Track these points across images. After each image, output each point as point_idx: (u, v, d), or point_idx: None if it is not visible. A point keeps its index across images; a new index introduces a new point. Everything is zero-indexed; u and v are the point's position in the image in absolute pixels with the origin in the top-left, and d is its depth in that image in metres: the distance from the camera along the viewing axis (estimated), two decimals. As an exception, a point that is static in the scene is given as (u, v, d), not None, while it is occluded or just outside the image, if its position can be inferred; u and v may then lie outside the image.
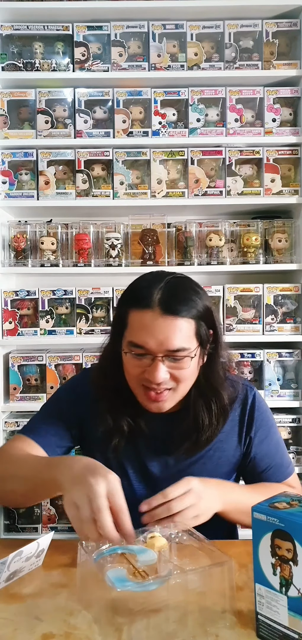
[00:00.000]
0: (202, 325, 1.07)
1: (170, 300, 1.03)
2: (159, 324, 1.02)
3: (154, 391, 1.06)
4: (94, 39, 2.19)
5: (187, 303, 1.04)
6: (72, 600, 0.87)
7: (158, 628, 0.77)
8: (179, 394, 1.09)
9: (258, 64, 2.19)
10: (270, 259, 2.20)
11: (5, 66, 2.17)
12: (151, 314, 1.02)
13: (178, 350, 1.03)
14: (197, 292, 1.09)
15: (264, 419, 1.22)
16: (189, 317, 1.04)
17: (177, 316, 1.02)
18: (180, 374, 1.05)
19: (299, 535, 0.70)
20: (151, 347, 1.02)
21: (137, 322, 1.04)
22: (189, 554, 0.89)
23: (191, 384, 1.11)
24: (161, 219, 2.22)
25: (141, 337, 1.03)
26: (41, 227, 2.22)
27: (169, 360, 1.04)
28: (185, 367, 1.05)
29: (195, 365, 1.08)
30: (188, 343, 1.04)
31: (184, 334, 1.03)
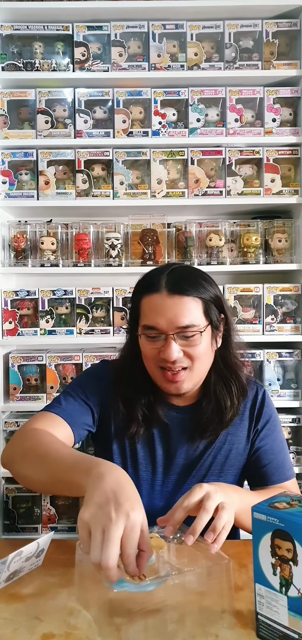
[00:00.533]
0: (211, 307, 1.13)
1: (175, 282, 1.10)
2: (167, 304, 1.09)
3: (171, 371, 1.11)
4: (94, 39, 2.19)
5: (192, 284, 1.11)
6: (72, 600, 0.87)
7: (157, 628, 0.77)
8: (195, 373, 1.13)
9: (258, 64, 2.19)
10: (270, 259, 2.20)
11: (5, 66, 2.17)
12: (159, 297, 1.09)
13: (187, 327, 1.08)
14: (204, 278, 1.16)
15: (271, 417, 1.26)
16: (195, 296, 1.10)
17: (183, 295, 1.09)
18: (193, 351, 1.10)
19: (299, 535, 0.70)
20: (162, 326, 1.09)
21: (148, 306, 1.12)
22: (187, 555, 0.89)
23: (206, 364, 1.16)
24: (160, 219, 2.22)
25: (152, 318, 1.10)
26: (41, 227, 2.22)
27: (181, 338, 1.09)
28: (197, 343, 1.10)
29: (207, 344, 1.13)
30: (196, 319, 1.10)
31: (192, 311, 1.09)
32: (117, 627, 0.76)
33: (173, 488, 1.20)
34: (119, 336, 1.30)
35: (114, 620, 0.77)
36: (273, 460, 1.22)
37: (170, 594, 0.80)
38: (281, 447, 1.25)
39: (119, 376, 1.22)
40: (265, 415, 1.24)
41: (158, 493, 1.20)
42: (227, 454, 1.22)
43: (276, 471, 1.22)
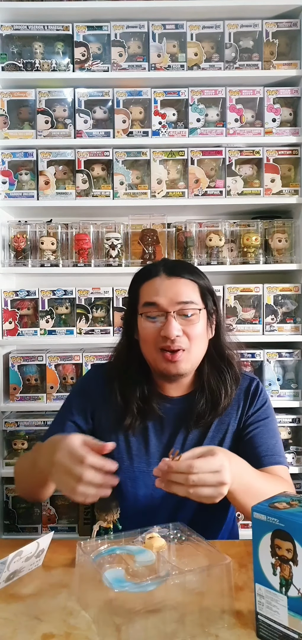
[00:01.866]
0: (206, 294, 1.22)
1: (173, 267, 1.21)
2: (166, 285, 1.18)
3: (170, 351, 1.17)
4: (94, 39, 2.19)
5: (188, 270, 1.22)
6: (72, 600, 0.87)
7: (157, 628, 0.77)
8: (192, 355, 1.19)
9: (258, 64, 2.18)
10: (270, 259, 2.20)
11: (5, 66, 2.17)
12: (158, 280, 1.19)
13: (187, 303, 1.17)
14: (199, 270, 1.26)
15: (264, 405, 1.29)
16: (191, 279, 1.20)
17: (181, 277, 1.19)
18: (191, 330, 1.17)
19: (299, 535, 0.70)
20: (163, 303, 1.17)
21: (148, 289, 1.20)
22: (187, 555, 0.89)
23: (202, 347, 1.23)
24: (161, 219, 2.22)
25: (153, 296, 1.18)
26: (41, 227, 2.22)
27: (180, 317, 1.17)
28: (195, 322, 1.18)
29: (203, 327, 1.21)
30: (196, 298, 1.19)
31: (190, 290, 1.19)
32: (117, 627, 0.76)
33: None
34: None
35: (114, 620, 0.77)
36: (264, 444, 1.23)
37: (170, 594, 0.80)
38: (273, 435, 1.27)
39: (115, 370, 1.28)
40: (258, 402, 1.28)
41: None
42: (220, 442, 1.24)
43: (266, 454, 1.22)
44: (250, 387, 1.30)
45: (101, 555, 0.87)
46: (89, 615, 0.82)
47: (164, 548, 0.89)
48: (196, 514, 1.18)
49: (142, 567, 0.84)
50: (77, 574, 0.90)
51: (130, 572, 0.83)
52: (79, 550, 0.88)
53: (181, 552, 0.90)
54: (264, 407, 1.29)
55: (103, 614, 0.79)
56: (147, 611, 0.77)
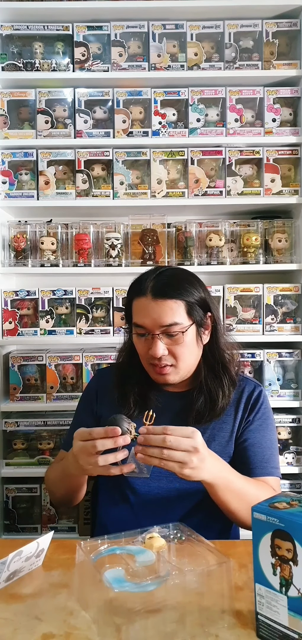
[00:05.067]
0: (195, 308, 1.24)
1: (159, 287, 1.23)
2: (152, 306, 1.22)
3: (158, 367, 1.24)
4: (94, 39, 2.19)
5: (175, 288, 1.23)
6: (72, 601, 0.87)
7: (157, 628, 0.77)
8: (180, 369, 1.26)
9: (258, 64, 2.18)
10: (270, 259, 2.20)
11: (5, 66, 2.17)
12: (145, 300, 1.23)
13: (171, 325, 1.21)
14: (189, 281, 1.27)
15: (265, 414, 1.31)
16: (177, 298, 1.22)
17: (165, 298, 1.22)
18: (176, 349, 1.23)
19: (299, 535, 0.70)
20: (148, 325, 1.22)
21: (136, 308, 1.26)
22: (187, 555, 0.89)
23: (192, 359, 1.27)
24: (161, 219, 2.22)
25: (140, 318, 1.24)
26: (41, 227, 2.22)
27: (166, 336, 1.22)
28: (180, 342, 1.22)
29: (191, 342, 1.25)
30: (179, 319, 1.22)
31: (174, 312, 1.22)
32: (117, 627, 0.76)
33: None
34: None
35: (114, 620, 0.77)
36: (259, 453, 1.26)
37: (170, 594, 0.80)
38: (270, 445, 1.28)
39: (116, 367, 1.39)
40: (259, 410, 1.30)
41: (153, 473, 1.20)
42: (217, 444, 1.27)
43: (260, 464, 1.25)
44: (253, 394, 1.32)
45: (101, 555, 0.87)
46: (89, 615, 0.82)
47: (164, 548, 0.89)
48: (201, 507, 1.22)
49: (142, 567, 0.84)
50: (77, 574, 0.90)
51: (130, 572, 0.83)
52: (79, 550, 0.88)
53: (181, 552, 0.91)
54: (264, 417, 1.30)
55: (103, 614, 0.79)
56: (147, 611, 0.77)
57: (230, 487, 1.12)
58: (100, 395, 1.41)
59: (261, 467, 1.24)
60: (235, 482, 1.14)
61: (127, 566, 0.84)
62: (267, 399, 1.35)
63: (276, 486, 1.25)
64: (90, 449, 1.05)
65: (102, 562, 0.85)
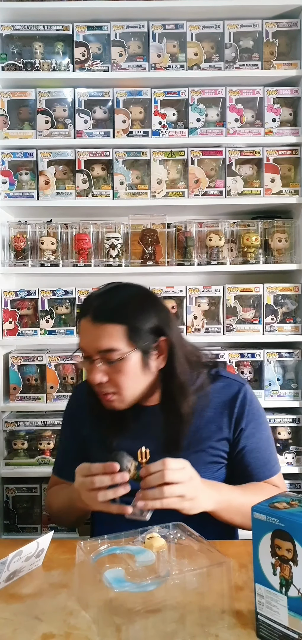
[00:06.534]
0: (139, 333, 1.15)
1: (100, 310, 1.15)
2: (91, 330, 1.15)
3: (100, 394, 1.18)
4: (94, 39, 2.19)
5: (116, 311, 1.15)
6: (72, 601, 0.87)
7: (157, 628, 0.77)
8: (124, 397, 1.18)
9: (258, 64, 2.18)
10: (270, 259, 2.20)
11: (5, 66, 2.17)
12: (86, 322, 1.16)
13: (108, 351, 1.13)
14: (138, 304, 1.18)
15: (255, 414, 1.26)
16: (116, 323, 1.14)
17: (104, 323, 1.14)
18: (116, 377, 1.15)
19: (299, 535, 0.70)
20: (86, 349, 1.17)
21: (80, 329, 1.20)
22: (187, 555, 0.89)
23: (138, 386, 1.18)
24: (161, 219, 2.22)
25: (81, 340, 1.19)
26: (41, 227, 2.22)
27: (105, 363, 1.14)
28: (119, 370, 1.14)
29: (134, 370, 1.15)
30: (117, 344, 1.13)
31: (112, 337, 1.13)
32: (117, 627, 0.76)
33: None
34: None
35: (114, 620, 0.77)
36: (259, 458, 1.24)
37: (170, 594, 0.80)
38: (267, 445, 1.26)
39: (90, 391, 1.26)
40: (248, 414, 1.25)
41: None
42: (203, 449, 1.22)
43: (261, 469, 1.23)
44: (238, 396, 1.25)
45: (101, 555, 0.87)
46: (89, 615, 0.82)
47: (164, 548, 0.89)
48: None
49: (142, 567, 0.84)
50: (77, 574, 0.90)
51: (131, 572, 0.83)
52: (79, 550, 0.88)
53: (181, 552, 0.91)
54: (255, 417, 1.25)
55: (103, 614, 0.79)
56: (147, 611, 0.77)
57: (231, 507, 1.12)
58: (80, 414, 1.34)
59: (262, 471, 1.23)
60: (235, 500, 1.13)
61: (127, 566, 0.84)
62: (252, 394, 1.29)
63: (279, 482, 1.25)
64: (89, 484, 1.04)
65: (102, 562, 0.85)
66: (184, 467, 1.03)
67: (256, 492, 1.17)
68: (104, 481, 1.03)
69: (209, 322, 2.21)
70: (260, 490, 1.19)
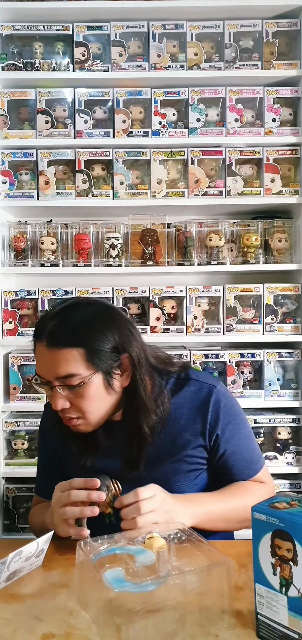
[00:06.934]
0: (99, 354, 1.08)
1: (55, 334, 1.07)
2: (46, 357, 1.08)
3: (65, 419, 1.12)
4: (94, 39, 2.19)
5: (71, 334, 1.07)
6: (72, 601, 0.87)
7: (157, 628, 0.77)
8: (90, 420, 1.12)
9: (258, 64, 2.18)
10: (270, 259, 2.20)
11: (5, 66, 2.17)
12: (41, 347, 1.09)
13: (66, 377, 1.06)
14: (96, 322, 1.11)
15: (231, 415, 1.21)
16: (72, 347, 1.06)
17: (60, 348, 1.06)
18: (79, 402, 1.09)
19: (299, 535, 0.70)
20: (45, 377, 1.09)
21: (36, 354, 1.12)
22: (187, 555, 0.89)
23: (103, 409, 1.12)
24: (161, 219, 2.22)
25: (38, 366, 1.11)
26: (41, 227, 2.22)
27: (66, 389, 1.08)
28: (81, 394, 1.08)
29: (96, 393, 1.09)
30: (76, 369, 1.06)
31: (69, 362, 1.06)
32: (117, 627, 0.76)
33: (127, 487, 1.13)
34: None
35: (114, 620, 0.77)
36: (241, 459, 1.21)
37: (170, 594, 0.80)
38: (248, 443, 1.23)
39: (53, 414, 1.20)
40: (223, 418, 1.19)
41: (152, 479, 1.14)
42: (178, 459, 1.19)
43: (245, 469, 1.21)
44: (209, 400, 1.19)
45: (101, 555, 0.87)
46: (89, 615, 0.82)
47: (164, 548, 0.89)
48: None
49: (142, 567, 0.84)
50: (77, 574, 0.90)
51: (130, 572, 0.83)
52: (79, 550, 0.88)
53: (181, 552, 0.90)
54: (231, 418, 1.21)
55: (103, 614, 0.79)
56: (147, 611, 0.77)
57: (212, 517, 1.11)
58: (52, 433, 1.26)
59: (246, 471, 1.21)
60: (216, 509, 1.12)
61: (127, 566, 0.84)
62: (225, 394, 1.23)
63: (264, 477, 1.24)
64: (66, 498, 1.02)
65: (102, 562, 0.85)
66: (155, 494, 1.01)
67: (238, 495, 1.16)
68: (79, 495, 1.01)
69: (209, 322, 2.21)
70: (243, 491, 1.18)
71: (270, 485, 1.25)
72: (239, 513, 1.14)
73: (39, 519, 1.23)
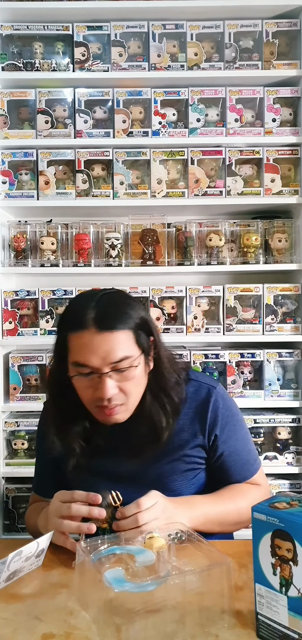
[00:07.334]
0: (141, 335, 1.10)
1: (103, 317, 1.06)
2: (97, 341, 1.05)
3: (106, 408, 1.09)
4: (94, 39, 2.19)
5: (121, 316, 1.08)
6: (72, 601, 0.87)
7: (157, 628, 0.77)
8: (130, 406, 1.12)
9: (258, 64, 2.18)
10: (270, 259, 2.20)
11: (5, 66, 2.17)
12: (88, 334, 1.05)
13: (121, 360, 1.06)
14: (129, 304, 1.13)
15: (229, 416, 1.22)
16: (126, 328, 1.07)
17: (113, 330, 1.06)
18: (127, 386, 1.09)
19: (299, 535, 0.70)
20: (94, 364, 1.06)
21: (77, 344, 1.07)
22: (187, 555, 0.89)
23: (140, 391, 1.14)
24: (161, 219, 2.22)
25: (83, 356, 1.06)
26: (41, 227, 2.22)
27: (116, 373, 1.07)
28: (131, 377, 1.08)
29: (141, 375, 1.11)
30: (130, 351, 1.07)
31: (124, 344, 1.07)
32: (117, 627, 0.76)
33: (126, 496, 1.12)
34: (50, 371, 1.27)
35: (114, 620, 0.77)
36: (237, 460, 1.22)
37: (170, 594, 0.80)
38: (245, 444, 1.24)
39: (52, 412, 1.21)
40: (222, 418, 1.20)
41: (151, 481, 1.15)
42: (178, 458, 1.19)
43: (241, 471, 1.22)
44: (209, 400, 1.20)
45: (101, 555, 0.87)
46: (89, 615, 0.82)
47: (164, 548, 0.89)
48: None
49: (142, 567, 0.84)
50: (77, 574, 0.90)
51: (130, 572, 0.83)
52: (79, 550, 0.88)
53: (181, 552, 0.91)
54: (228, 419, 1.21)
55: (103, 614, 0.79)
56: (147, 611, 0.77)
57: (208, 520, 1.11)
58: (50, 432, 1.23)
59: (242, 473, 1.22)
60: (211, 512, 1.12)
61: (127, 566, 0.84)
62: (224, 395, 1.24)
63: (260, 480, 1.24)
64: (66, 511, 1.01)
65: (102, 562, 0.85)
66: (156, 502, 1.01)
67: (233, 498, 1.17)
68: (80, 511, 0.99)
69: (209, 322, 2.21)
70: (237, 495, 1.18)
71: (265, 488, 1.26)
72: (234, 516, 1.15)
73: (32, 521, 1.23)
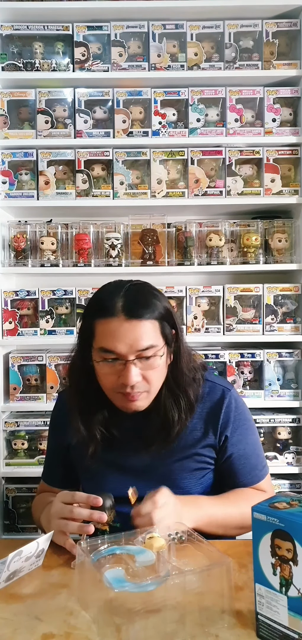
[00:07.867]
0: (166, 326, 1.13)
1: (132, 306, 1.09)
2: (125, 329, 1.08)
3: (129, 395, 1.11)
4: (94, 39, 2.19)
5: (148, 306, 1.11)
6: (72, 601, 0.87)
7: (157, 628, 0.77)
8: (151, 394, 1.15)
9: (258, 64, 2.18)
10: (270, 259, 2.20)
11: (5, 66, 2.17)
12: (116, 321, 1.08)
13: (147, 349, 1.08)
14: (156, 295, 1.15)
15: (241, 419, 1.23)
16: (152, 318, 1.10)
17: (141, 319, 1.09)
18: (151, 374, 1.11)
19: (299, 535, 0.70)
20: (121, 351, 1.08)
21: (104, 331, 1.10)
22: (187, 555, 0.89)
23: (160, 384, 1.16)
24: (161, 219, 2.22)
25: (110, 342, 1.08)
26: (41, 227, 2.22)
27: (140, 361, 1.09)
28: (155, 366, 1.11)
29: (163, 365, 1.14)
30: (156, 340, 1.10)
31: (150, 334, 1.10)
32: (117, 627, 0.76)
33: None
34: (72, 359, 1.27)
35: (114, 620, 0.77)
36: (246, 464, 1.22)
37: (170, 594, 0.80)
38: (254, 449, 1.24)
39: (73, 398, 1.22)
40: (234, 420, 1.21)
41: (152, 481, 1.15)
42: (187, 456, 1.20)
43: (248, 475, 1.22)
44: (223, 402, 1.21)
45: (101, 555, 0.87)
46: (89, 615, 0.82)
47: (164, 548, 0.89)
48: None
49: (142, 567, 0.84)
50: (77, 574, 0.90)
51: (130, 572, 0.83)
52: (79, 550, 0.88)
53: (181, 552, 0.91)
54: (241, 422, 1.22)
55: (103, 614, 0.79)
56: (147, 611, 0.77)
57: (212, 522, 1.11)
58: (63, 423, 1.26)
59: (250, 477, 1.22)
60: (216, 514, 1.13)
61: (127, 566, 0.84)
62: (237, 398, 1.25)
63: (266, 486, 1.24)
64: (68, 513, 1.02)
65: (102, 562, 0.85)
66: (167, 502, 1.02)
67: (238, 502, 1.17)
68: (82, 514, 1.01)
69: (209, 322, 2.21)
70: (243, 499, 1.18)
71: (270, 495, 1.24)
72: (237, 520, 1.15)
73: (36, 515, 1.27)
